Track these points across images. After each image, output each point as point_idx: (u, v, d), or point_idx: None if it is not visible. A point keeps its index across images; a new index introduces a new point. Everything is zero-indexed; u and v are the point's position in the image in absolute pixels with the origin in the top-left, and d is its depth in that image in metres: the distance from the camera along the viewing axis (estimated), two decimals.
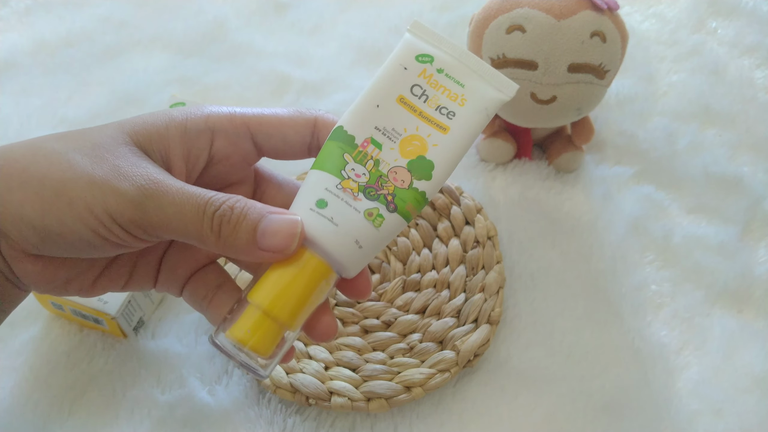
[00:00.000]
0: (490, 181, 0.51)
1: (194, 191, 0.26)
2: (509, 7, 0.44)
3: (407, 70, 0.29)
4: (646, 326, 0.44)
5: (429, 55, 0.29)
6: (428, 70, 0.29)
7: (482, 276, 0.44)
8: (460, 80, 0.29)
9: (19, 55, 0.60)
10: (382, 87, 0.29)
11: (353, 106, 0.29)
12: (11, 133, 0.54)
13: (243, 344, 0.26)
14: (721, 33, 0.64)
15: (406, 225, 0.28)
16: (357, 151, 0.28)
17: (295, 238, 0.26)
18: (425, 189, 0.28)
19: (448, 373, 0.40)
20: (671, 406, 0.40)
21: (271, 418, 0.39)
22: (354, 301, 0.43)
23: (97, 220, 0.25)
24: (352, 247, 0.27)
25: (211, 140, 0.29)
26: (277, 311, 0.26)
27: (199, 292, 0.30)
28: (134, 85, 0.58)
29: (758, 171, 0.53)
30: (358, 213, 0.27)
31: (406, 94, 0.29)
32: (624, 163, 0.53)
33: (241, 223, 0.26)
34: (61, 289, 0.28)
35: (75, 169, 0.25)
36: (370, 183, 0.28)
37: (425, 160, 0.28)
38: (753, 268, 0.47)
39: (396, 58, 0.29)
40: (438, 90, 0.29)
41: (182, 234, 0.26)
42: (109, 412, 0.39)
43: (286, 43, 0.62)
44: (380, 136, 0.28)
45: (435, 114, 0.29)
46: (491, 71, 0.29)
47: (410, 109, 0.29)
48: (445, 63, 0.29)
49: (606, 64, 0.44)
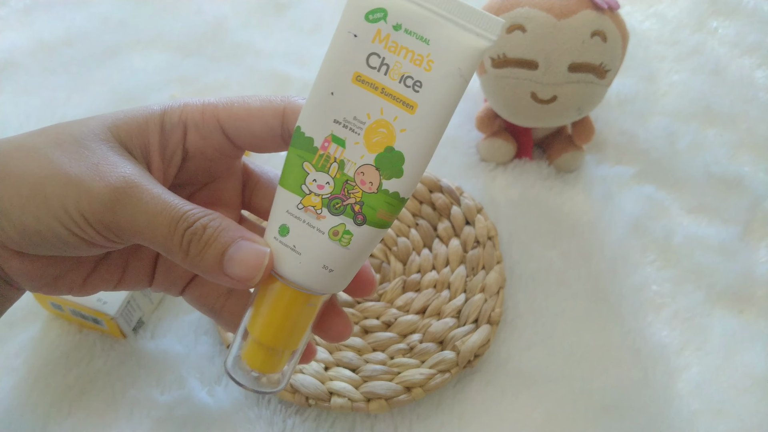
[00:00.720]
0: (490, 181, 0.51)
1: (171, 201, 0.25)
2: (510, 6, 0.44)
3: (358, 38, 0.23)
4: (647, 326, 0.44)
5: (381, 9, 0.23)
6: (383, 29, 0.23)
7: (482, 276, 0.44)
8: (424, 34, 0.23)
9: (19, 55, 0.60)
10: (332, 67, 0.24)
11: (308, 99, 0.24)
12: (11, 132, 0.53)
13: (251, 368, 0.27)
14: (721, 33, 0.64)
15: (384, 233, 0.25)
16: (317, 155, 0.24)
17: (260, 270, 0.25)
18: (397, 188, 0.24)
19: (448, 374, 0.39)
20: (672, 406, 0.40)
21: (271, 418, 0.39)
22: (354, 301, 0.43)
23: (70, 218, 0.24)
24: (321, 273, 0.25)
25: (184, 135, 0.28)
26: (268, 339, 0.26)
27: (207, 299, 0.30)
28: (134, 84, 0.58)
29: (759, 171, 0.53)
30: (322, 234, 0.24)
31: (361, 69, 0.23)
32: (624, 163, 0.53)
33: (210, 244, 0.25)
34: (52, 287, 0.28)
35: (52, 166, 0.25)
36: (335, 193, 0.24)
37: (394, 151, 0.23)
38: (754, 268, 0.47)
39: (342, 26, 0.23)
40: (398, 54, 0.23)
41: (150, 243, 0.25)
42: (108, 413, 0.39)
43: (286, 42, 0.62)
44: (341, 131, 0.24)
45: (399, 88, 0.23)
46: (464, 7, 0.22)
47: (370, 88, 0.23)
48: (403, 14, 0.23)
49: (606, 63, 0.44)
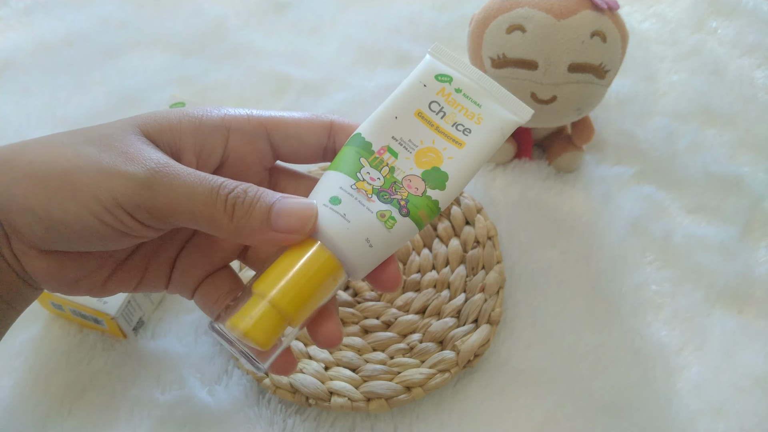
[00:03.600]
0: (490, 181, 0.51)
1: (206, 175, 0.26)
2: (509, 6, 0.44)
3: (426, 87, 0.30)
4: (647, 326, 0.44)
5: (448, 76, 0.30)
6: (447, 89, 0.30)
7: (482, 276, 0.44)
8: (477, 101, 0.30)
9: (19, 55, 0.60)
10: (401, 100, 0.30)
11: (372, 116, 0.30)
12: (11, 132, 0.54)
13: (244, 334, 0.25)
14: (721, 33, 0.64)
15: (418, 232, 0.28)
16: (373, 156, 0.29)
17: (310, 219, 0.26)
18: (438, 198, 0.28)
19: (448, 374, 0.40)
20: (671, 406, 0.40)
21: (271, 418, 0.39)
22: (354, 301, 0.43)
23: (102, 206, 0.25)
24: (363, 245, 0.27)
25: (226, 138, 0.29)
26: (283, 302, 0.26)
27: (211, 296, 0.30)
28: (134, 85, 0.58)
29: (758, 171, 0.53)
30: (370, 213, 0.27)
31: (424, 109, 0.30)
32: (624, 163, 0.53)
33: (254, 205, 0.26)
34: (72, 287, 0.28)
35: (82, 158, 0.25)
36: (384, 187, 0.28)
37: (440, 171, 0.29)
38: (753, 268, 0.47)
39: (416, 76, 0.30)
40: (455, 108, 0.30)
41: (192, 217, 0.25)
42: (108, 412, 0.39)
43: (286, 43, 0.62)
44: (397, 146, 0.29)
45: (451, 130, 0.29)
46: (507, 95, 0.30)
47: (427, 123, 0.29)
48: (463, 84, 0.30)
49: (606, 63, 0.44)
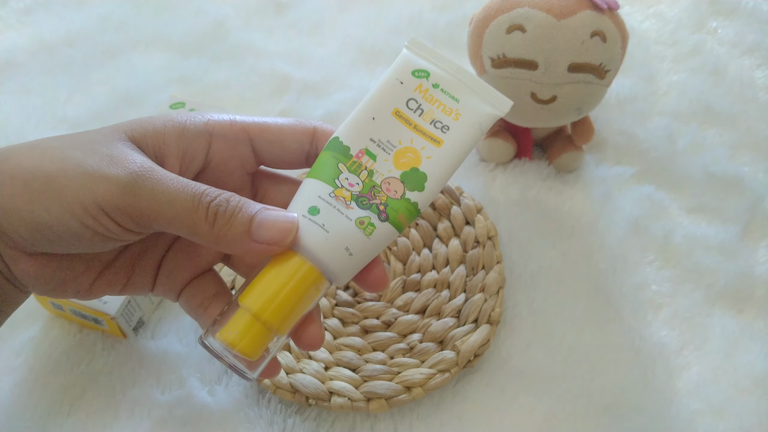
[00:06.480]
0: (490, 181, 0.51)
1: (189, 182, 0.26)
2: (509, 6, 0.44)
3: (403, 85, 0.30)
4: (647, 326, 0.44)
5: (425, 71, 0.30)
6: (424, 84, 0.30)
7: (482, 276, 0.44)
8: (455, 95, 0.30)
9: (19, 55, 0.60)
10: (378, 100, 0.30)
11: (349, 118, 0.30)
12: (11, 133, 0.54)
13: (232, 347, 0.26)
14: (721, 33, 0.64)
15: (398, 235, 0.28)
16: (351, 161, 0.29)
17: (291, 232, 0.26)
18: (417, 200, 0.28)
19: (448, 374, 0.40)
20: (671, 406, 0.40)
21: (271, 418, 0.39)
22: (354, 301, 0.43)
23: (84, 210, 0.25)
24: (343, 254, 0.27)
25: (209, 143, 0.29)
26: (267, 315, 0.26)
27: (195, 299, 0.30)
28: (134, 85, 0.58)
29: (758, 171, 0.53)
30: (349, 221, 0.27)
31: (401, 107, 0.29)
32: (624, 163, 0.53)
33: (236, 214, 0.26)
34: (59, 290, 0.28)
35: (66, 161, 0.25)
36: (363, 192, 0.28)
37: (418, 172, 0.29)
38: (753, 268, 0.47)
39: (392, 73, 0.30)
40: (433, 104, 0.29)
41: (173, 223, 0.26)
42: (108, 412, 0.39)
43: (286, 43, 0.62)
44: (375, 148, 0.29)
45: (429, 127, 0.29)
46: (486, 87, 0.30)
47: (405, 122, 0.29)
48: (441, 78, 0.30)
49: (606, 63, 0.44)
